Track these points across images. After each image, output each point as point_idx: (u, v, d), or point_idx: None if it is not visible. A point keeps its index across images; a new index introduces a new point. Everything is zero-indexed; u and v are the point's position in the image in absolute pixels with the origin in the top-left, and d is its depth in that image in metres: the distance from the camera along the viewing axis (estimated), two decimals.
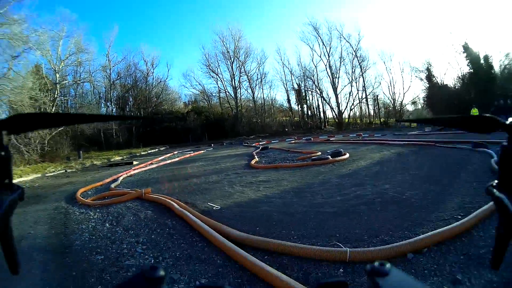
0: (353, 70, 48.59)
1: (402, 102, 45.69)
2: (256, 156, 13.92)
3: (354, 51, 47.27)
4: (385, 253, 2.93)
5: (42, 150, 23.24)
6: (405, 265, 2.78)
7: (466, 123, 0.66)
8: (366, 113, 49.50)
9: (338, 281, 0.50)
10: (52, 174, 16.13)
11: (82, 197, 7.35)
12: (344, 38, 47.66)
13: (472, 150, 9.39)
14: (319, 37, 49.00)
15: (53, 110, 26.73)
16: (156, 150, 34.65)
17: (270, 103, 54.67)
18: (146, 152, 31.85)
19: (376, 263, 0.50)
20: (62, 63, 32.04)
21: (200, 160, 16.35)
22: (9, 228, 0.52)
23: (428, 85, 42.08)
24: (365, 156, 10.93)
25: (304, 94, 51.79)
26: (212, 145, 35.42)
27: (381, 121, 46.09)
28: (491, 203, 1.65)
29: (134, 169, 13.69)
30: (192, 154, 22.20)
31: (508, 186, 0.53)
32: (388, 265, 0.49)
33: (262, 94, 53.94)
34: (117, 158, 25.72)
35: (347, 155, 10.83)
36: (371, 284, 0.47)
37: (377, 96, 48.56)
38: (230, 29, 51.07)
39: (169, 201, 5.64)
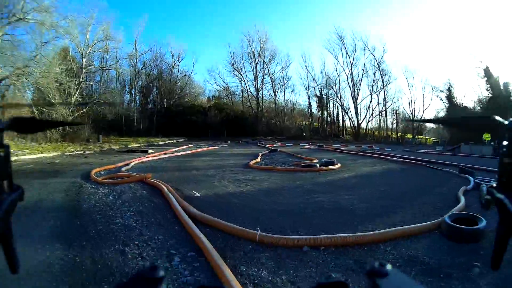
0: (374, 83, 49.87)
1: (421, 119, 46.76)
2: (259, 157, 15.30)
3: (378, 64, 48.56)
4: (285, 242, 3.86)
5: (64, 131, 25.23)
6: (298, 254, 3.63)
7: (467, 123, 0.71)
8: (384, 126, 50.44)
9: (338, 281, 0.52)
10: (71, 153, 17.96)
11: (95, 176, 8.96)
12: (369, 50, 49.06)
13: (456, 175, 9.99)
14: (343, 47, 50.70)
15: (77, 93, 29.13)
16: (175, 141, 36.71)
17: (291, 106, 56.28)
18: (164, 142, 33.81)
19: (376, 264, 0.51)
20: (90, 48, 34.21)
21: (209, 155, 17.92)
22: (9, 228, 0.55)
23: (448, 105, 42.43)
24: (355, 168, 12.04)
25: (325, 102, 53.12)
26: (229, 142, 37.30)
27: (398, 135, 47.16)
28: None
29: (146, 157, 15.44)
30: (205, 149, 23.74)
31: (507, 186, 0.56)
32: (388, 266, 0.50)
33: (284, 97, 55.76)
34: (135, 145, 27.72)
35: (338, 165, 12.02)
36: (371, 284, 0.49)
37: (396, 110, 49.65)
38: (256, 30, 53.38)
39: (162, 185, 7.14)
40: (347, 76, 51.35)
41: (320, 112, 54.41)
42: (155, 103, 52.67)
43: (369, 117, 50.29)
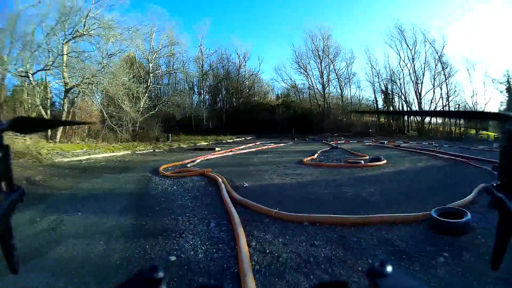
0: (437, 75, 49.44)
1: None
2: (316, 155, 16.33)
3: (439, 57, 47.82)
4: (290, 218, 5.01)
5: (134, 131, 28.21)
6: (299, 227, 4.69)
7: (476, 118, 0.77)
8: (448, 121, 48.48)
9: (338, 281, 0.56)
10: (141, 152, 20.29)
11: (163, 171, 10.72)
12: (430, 43, 48.20)
13: (490, 172, 9.90)
14: (404, 40, 50.39)
15: (145, 96, 32.30)
16: (242, 139, 38.76)
17: (358, 102, 56.50)
18: (232, 140, 35.92)
19: (376, 264, 0.54)
20: (155, 54, 37.79)
21: (271, 153, 19.26)
22: (10, 228, 0.58)
23: (508, 98, 41.39)
24: (399, 165, 12.53)
25: (391, 97, 53.00)
26: (295, 139, 38.77)
27: (461, 131, 46.09)
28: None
29: (212, 155, 17.20)
30: (269, 146, 25.12)
31: (508, 186, 0.57)
32: (388, 266, 0.53)
33: (349, 93, 56.57)
34: (203, 143, 29.85)
35: (384, 162, 12.67)
36: (371, 284, 0.52)
37: (459, 105, 48.79)
38: (319, 27, 54.39)
39: (218, 177, 8.56)
40: (409, 70, 51.39)
41: (386, 107, 54.12)
42: (224, 102, 55.71)
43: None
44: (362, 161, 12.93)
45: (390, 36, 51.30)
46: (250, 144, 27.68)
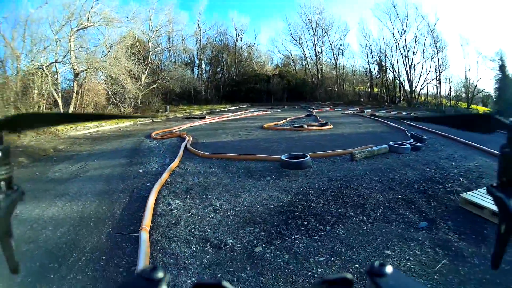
0: (425, 49, 51.19)
1: (475, 89, 46.83)
2: (283, 121, 19.95)
3: (431, 31, 49.35)
4: (207, 155, 9.25)
5: (136, 105, 32.38)
6: (208, 159, 9.07)
7: (467, 122, 0.72)
8: (438, 93, 51.24)
9: (341, 278, 0.56)
10: (141, 122, 24.20)
11: (153, 135, 14.84)
12: (422, 17, 49.90)
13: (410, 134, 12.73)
14: (395, 14, 52.05)
15: (146, 73, 36.18)
16: (237, 107, 42.34)
17: (352, 72, 59.74)
18: (226, 109, 39.47)
19: (376, 264, 0.55)
20: (155, 33, 41.62)
21: (250, 119, 23.03)
22: (9, 228, 0.59)
23: (501, 76, 41.61)
24: (341, 129, 15.74)
25: (384, 68, 55.39)
26: (286, 107, 42.36)
27: (451, 103, 47.62)
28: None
29: (199, 122, 21.22)
30: (254, 114, 28.75)
31: (508, 186, 0.58)
32: (388, 266, 0.54)
33: (343, 63, 59.40)
34: (198, 112, 33.43)
35: (329, 127, 16.04)
36: (371, 284, 0.52)
37: (449, 79, 50.22)
38: (312, 1, 57.80)
39: (186, 137, 12.70)
40: (396, 42, 53.81)
41: (381, 78, 56.79)
42: (222, 74, 59.65)
43: (421, 85, 51.88)
44: (306, 126, 16.15)
45: (383, 9, 53.57)
46: (239, 112, 31.27)
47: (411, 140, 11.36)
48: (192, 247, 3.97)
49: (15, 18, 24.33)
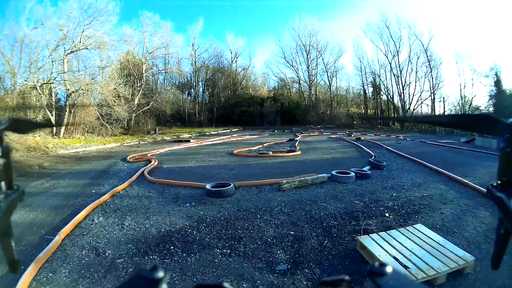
0: (419, 68, 53.86)
1: (470, 106, 47.94)
2: (258, 146, 21.36)
3: (425, 50, 51.90)
4: (153, 180, 10.95)
5: (128, 125, 34.16)
6: (154, 184, 10.83)
7: (466, 122, 0.75)
8: (432, 113, 51.48)
9: (340, 279, 0.57)
10: (128, 144, 25.74)
11: (128, 158, 16.51)
12: (416, 36, 52.68)
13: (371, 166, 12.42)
14: (389, 34, 55.11)
15: (139, 94, 38.32)
16: (228, 131, 44.05)
17: (346, 95, 62.81)
18: (216, 132, 41.12)
19: (376, 264, 0.55)
20: (148, 56, 44.06)
21: (230, 144, 24.59)
22: (9, 228, 0.61)
23: (496, 91, 42.50)
24: (308, 155, 17.08)
25: (379, 90, 58.09)
26: (276, 131, 44.38)
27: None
28: None
29: (179, 146, 22.97)
30: (238, 138, 30.22)
31: (508, 186, 0.60)
32: (388, 266, 0.54)
33: (336, 85, 62.12)
34: (186, 135, 35.03)
35: (297, 152, 17.25)
36: (371, 284, 0.53)
37: (443, 98, 52.40)
38: (305, 24, 61.45)
39: (152, 161, 14.35)
40: (393, 63, 56.12)
41: (375, 100, 59.49)
42: (216, 96, 62.18)
43: (415, 106, 54.17)
44: (271, 152, 17.17)
45: (376, 30, 55.99)
46: (226, 137, 32.55)
47: (366, 168, 11.75)
48: (83, 252, 4.97)
49: (13, 36, 26.97)
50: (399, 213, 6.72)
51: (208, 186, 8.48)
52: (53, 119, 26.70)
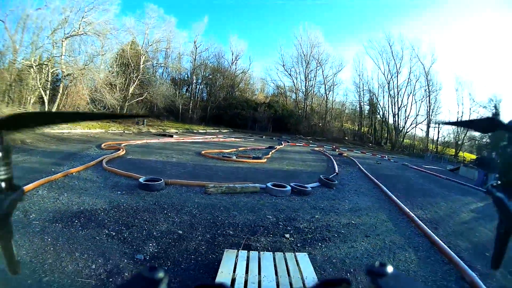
0: (414, 93, 55.40)
1: (465, 135, 49.57)
2: (229, 150, 22.37)
3: (426, 73, 53.43)
4: (109, 169, 12.52)
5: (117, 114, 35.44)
6: (111, 173, 12.43)
7: (470, 124, 0.76)
8: (426, 138, 53.95)
9: (340, 279, 0.59)
10: (112, 131, 26.99)
11: (103, 146, 17.89)
12: (419, 59, 54.05)
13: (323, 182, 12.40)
14: (391, 54, 56.85)
15: (134, 85, 39.87)
16: (217, 131, 45.25)
17: (342, 110, 64.01)
18: (204, 131, 42.36)
19: (376, 264, 0.57)
20: (149, 48, 45.81)
21: (208, 144, 25.77)
22: (10, 229, 0.61)
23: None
24: (273, 165, 18.01)
25: (375, 108, 59.45)
26: (264, 137, 45.56)
27: (437, 149, 49.81)
28: None
29: (159, 140, 24.30)
30: (222, 140, 31.21)
31: (507, 186, 0.61)
32: (388, 266, 0.56)
33: (333, 99, 63.77)
34: (172, 130, 36.28)
35: (263, 160, 18.18)
36: (372, 284, 0.54)
37: (438, 123, 52.75)
38: (308, 34, 63.14)
39: (120, 150, 15.92)
40: (391, 83, 57.51)
41: (370, 118, 60.69)
42: (212, 95, 63.63)
43: (408, 128, 55.75)
44: (234, 157, 18.00)
45: (378, 48, 57.86)
46: (211, 136, 33.59)
47: (315, 184, 11.87)
48: (15, 212, 6.65)
49: (17, 15, 28.54)
50: (304, 236, 6.44)
51: (141, 180, 9.11)
52: (46, 99, 28.17)
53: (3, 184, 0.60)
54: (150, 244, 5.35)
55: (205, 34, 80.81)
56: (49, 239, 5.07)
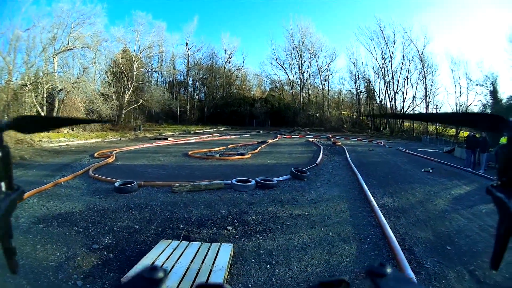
0: (408, 75, 55.62)
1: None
2: (218, 148, 23.41)
3: (420, 55, 53.32)
4: (94, 177, 13.90)
5: (117, 121, 36.90)
6: (94, 179, 13.81)
7: (471, 120, 0.71)
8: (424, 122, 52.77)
9: (339, 279, 0.59)
10: (109, 140, 28.11)
11: (96, 155, 19.14)
12: (411, 41, 54.16)
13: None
14: (383, 39, 56.96)
15: (130, 91, 41.05)
16: (215, 129, 46.29)
17: (339, 98, 64.45)
18: (201, 131, 43.39)
19: (376, 264, 0.58)
20: (140, 54, 47.08)
21: (201, 144, 26.66)
22: (10, 228, 0.62)
23: (492, 102, 40.99)
24: (257, 159, 18.72)
25: (372, 94, 59.95)
26: (261, 131, 46.95)
27: (437, 131, 49.44)
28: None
29: (152, 144, 25.36)
30: (216, 138, 32.23)
31: (508, 186, 0.60)
32: (387, 267, 0.57)
33: (328, 88, 64.08)
34: (169, 133, 37.48)
35: (247, 156, 18.83)
36: (371, 284, 0.55)
37: (437, 105, 53.50)
38: (299, 25, 63.51)
39: (110, 157, 17.14)
40: (385, 68, 57.90)
41: (367, 104, 61.13)
42: (208, 95, 65.05)
43: (406, 111, 53.68)
44: (218, 155, 18.72)
45: (367, 34, 59.49)
46: (206, 136, 34.42)
47: (285, 177, 12.12)
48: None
49: (8, 36, 30.02)
50: (247, 229, 6.61)
51: (116, 184, 9.74)
52: (43, 114, 29.32)
53: (3, 184, 0.62)
54: (107, 237, 6.13)
55: (197, 35, 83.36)
56: (31, 236, 6.10)
